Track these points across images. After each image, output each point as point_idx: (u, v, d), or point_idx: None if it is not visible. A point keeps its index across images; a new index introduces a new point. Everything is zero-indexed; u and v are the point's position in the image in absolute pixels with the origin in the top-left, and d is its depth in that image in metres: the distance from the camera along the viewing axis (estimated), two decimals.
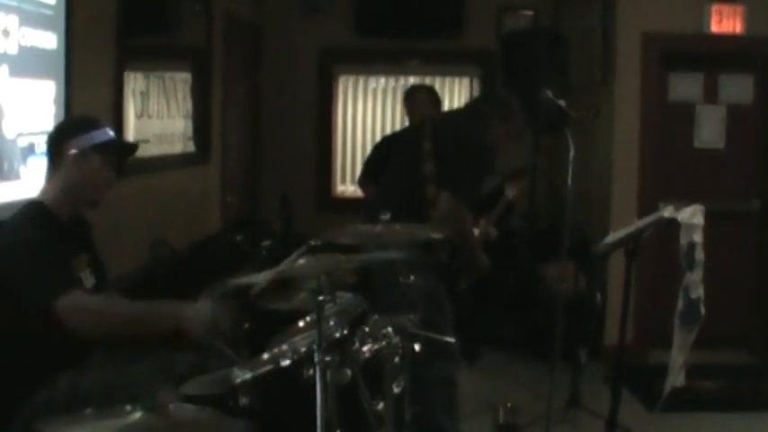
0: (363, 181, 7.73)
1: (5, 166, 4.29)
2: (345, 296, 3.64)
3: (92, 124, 3.81)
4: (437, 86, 8.98)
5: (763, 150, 7.97)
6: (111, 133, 3.87)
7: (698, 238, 4.71)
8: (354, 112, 9.97)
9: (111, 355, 3.63)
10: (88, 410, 2.39)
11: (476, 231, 5.44)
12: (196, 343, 3.56)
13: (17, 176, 4.36)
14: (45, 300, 3.44)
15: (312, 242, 2.83)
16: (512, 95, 5.39)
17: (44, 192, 3.75)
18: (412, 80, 9.82)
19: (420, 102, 7.37)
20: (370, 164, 7.64)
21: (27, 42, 4.41)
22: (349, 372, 2.93)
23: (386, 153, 6.55)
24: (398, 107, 9.86)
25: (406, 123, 7.78)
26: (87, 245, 3.90)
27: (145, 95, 6.17)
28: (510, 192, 6.02)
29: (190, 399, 2.92)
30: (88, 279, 3.77)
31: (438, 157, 4.96)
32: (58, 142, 3.76)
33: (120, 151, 4.01)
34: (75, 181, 3.70)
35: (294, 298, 3.71)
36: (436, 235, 4.30)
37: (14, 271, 3.50)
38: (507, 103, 5.29)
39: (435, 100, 7.53)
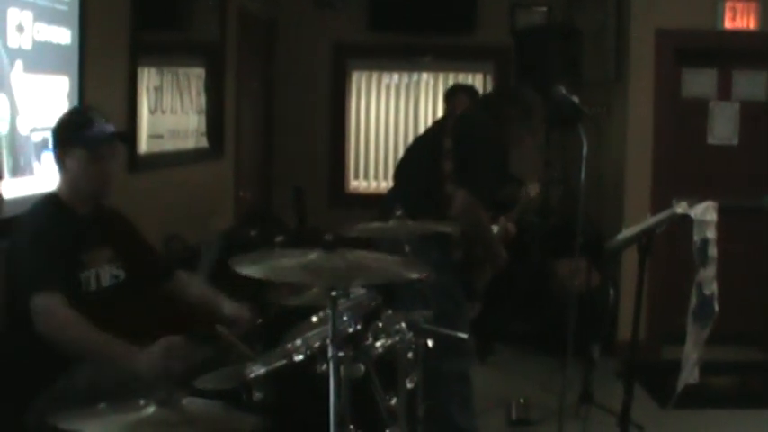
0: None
1: (21, 162, 4.31)
2: (359, 291, 3.64)
3: (80, 123, 3.81)
4: (450, 82, 8.99)
5: None
6: (99, 126, 3.82)
7: (711, 234, 4.70)
8: (368, 108, 9.98)
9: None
10: (103, 404, 2.40)
11: (495, 228, 5.44)
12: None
13: (31, 172, 4.38)
14: (26, 292, 3.47)
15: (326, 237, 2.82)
16: (536, 97, 5.38)
17: (59, 185, 3.80)
18: (425, 76, 9.84)
19: (460, 102, 7.34)
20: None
21: (41, 38, 4.43)
22: (362, 367, 2.93)
23: None
24: (412, 103, 9.88)
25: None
26: (113, 239, 3.90)
27: (158, 91, 6.18)
28: (532, 190, 6.01)
29: (204, 393, 2.93)
30: (107, 274, 3.79)
31: (457, 155, 4.96)
32: (54, 142, 3.84)
33: (112, 142, 3.98)
34: (72, 179, 3.76)
35: (307, 293, 3.73)
36: (449, 230, 4.31)
37: (20, 260, 3.55)
38: (532, 107, 5.27)
39: (475, 99, 7.51)
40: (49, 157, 4.41)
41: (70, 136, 3.76)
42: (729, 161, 7.99)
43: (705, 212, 4.70)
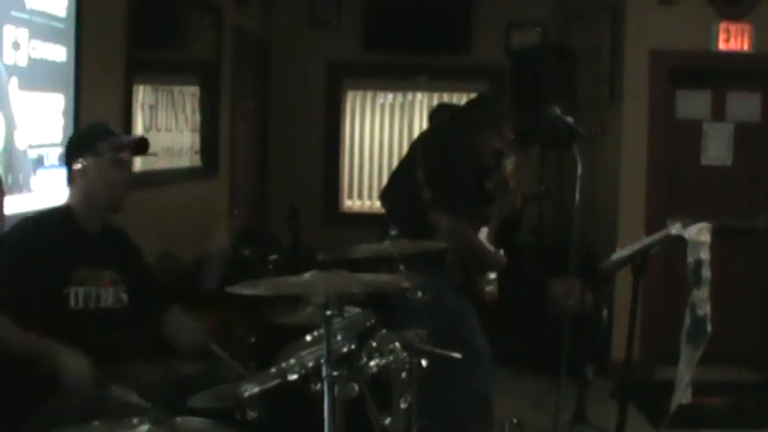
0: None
1: (20, 179, 4.31)
2: (353, 311, 3.64)
3: (98, 134, 3.82)
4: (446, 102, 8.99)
5: None
6: (120, 137, 3.86)
7: (705, 255, 4.70)
8: (362, 127, 9.99)
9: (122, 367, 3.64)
10: (96, 422, 2.39)
11: (484, 233, 5.44)
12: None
13: (29, 189, 4.37)
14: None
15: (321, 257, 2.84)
16: (504, 104, 5.39)
17: (73, 200, 3.80)
18: (420, 96, 9.86)
19: (442, 122, 7.33)
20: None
21: (37, 55, 4.43)
22: (356, 386, 2.93)
23: None
24: (406, 122, 9.88)
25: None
26: (120, 262, 3.89)
27: (153, 109, 6.19)
28: (508, 164, 5.90)
29: (197, 412, 2.92)
30: (111, 296, 3.77)
31: (432, 182, 4.96)
32: (69, 154, 3.82)
33: (131, 151, 4.03)
34: (90, 190, 3.74)
35: (302, 312, 3.72)
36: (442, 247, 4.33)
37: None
38: (501, 115, 5.26)
39: None
40: (46, 173, 4.42)
41: (96, 143, 3.75)
42: (723, 182, 8.01)
43: (699, 233, 4.70)
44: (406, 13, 9.36)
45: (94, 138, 3.79)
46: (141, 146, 4.11)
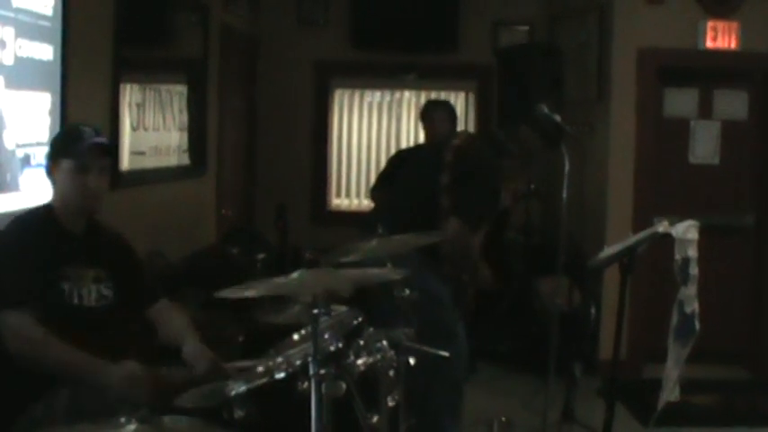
0: (376, 194, 7.67)
1: (8, 178, 4.30)
2: (340, 309, 3.64)
3: (70, 136, 3.81)
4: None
5: (757, 166, 7.99)
6: (89, 139, 3.79)
7: (692, 253, 4.71)
8: (350, 126, 9.97)
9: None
10: (83, 422, 2.39)
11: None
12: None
13: (17, 187, 4.36)
14: None
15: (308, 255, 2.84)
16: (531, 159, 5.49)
17: (53, 200, 3.80)
18: (408, 94, 9.85)
19: (438, 119, 7.31)
20: (384, 177, 7.57)
21: (23, 54, 4.42)
22: (344, 385, 2.93)
23: (401, 167, 6.53)
24: (394, 121, 9.88)
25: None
26: (106, 260, 3.87)
27: (141, 107, 6.17)
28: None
29: (185, 411, 2.92)
30: (93, 294, 3.75)
31: (456, 191, 4.97)
32: (46, 155, 3.84)
33: (100, 155, 3.92)
34: (61, 192, 3.74)
35: (289, 311, 3.72)
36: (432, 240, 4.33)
37: None
38: (533, 154, 5.37)
39: (453, 117, 7.48)
40: (32, 172, 4.42)
41: (60, 148, 3.76)
42: (711, 180, 8.02)
43: (686, 231, 4.70)
44: (394, 12, 9.34)
45: (65, 141, 3.80)
46: (100, 151, 3.94)
